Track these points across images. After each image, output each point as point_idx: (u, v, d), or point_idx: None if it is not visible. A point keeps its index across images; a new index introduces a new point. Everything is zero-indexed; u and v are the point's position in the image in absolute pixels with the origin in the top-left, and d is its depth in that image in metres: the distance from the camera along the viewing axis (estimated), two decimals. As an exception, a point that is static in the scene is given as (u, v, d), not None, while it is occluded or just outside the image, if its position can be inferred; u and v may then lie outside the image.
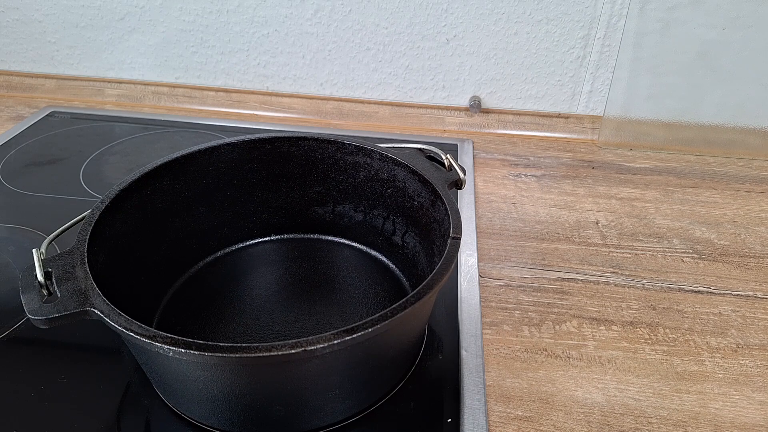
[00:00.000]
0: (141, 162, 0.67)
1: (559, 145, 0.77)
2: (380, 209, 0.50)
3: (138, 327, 0.29)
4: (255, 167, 0.49)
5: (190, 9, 0.77)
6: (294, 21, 0.76)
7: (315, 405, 0.35)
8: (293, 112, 0.82)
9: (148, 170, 0.43)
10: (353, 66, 0.79)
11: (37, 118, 0.77)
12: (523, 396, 0.40)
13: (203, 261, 0.50)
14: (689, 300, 0.49)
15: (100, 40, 0.81)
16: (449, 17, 0.74)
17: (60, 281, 0.33)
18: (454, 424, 0.37)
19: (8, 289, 0.47)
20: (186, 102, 0.83)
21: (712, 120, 0.74)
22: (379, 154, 0.47)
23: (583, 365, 0.42)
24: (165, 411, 0.37)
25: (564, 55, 0.75)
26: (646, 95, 0.73)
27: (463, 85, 0.78)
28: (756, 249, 0.56)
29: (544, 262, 0.53)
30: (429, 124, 0.80)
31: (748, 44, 0.69)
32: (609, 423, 0.38)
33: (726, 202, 0.64)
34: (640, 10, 0.69)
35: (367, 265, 0.51)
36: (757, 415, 0.39)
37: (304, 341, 0.28)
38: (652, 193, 0.66)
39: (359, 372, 0.35)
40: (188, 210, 0.47)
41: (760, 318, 0.48)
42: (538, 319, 0.47)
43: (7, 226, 0.55)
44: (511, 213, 0.61)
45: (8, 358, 0.41)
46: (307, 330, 0.44)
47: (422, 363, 0.41)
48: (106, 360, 0.41)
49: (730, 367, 0.43)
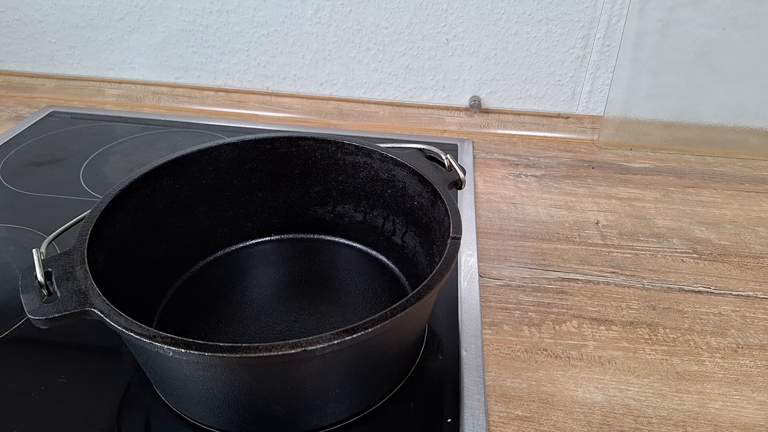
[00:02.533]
0: (141, 162, 0.67)
1: (559, 145, 0.77)
2: (380, 209, 0.50)
3: (138, 327, 0.29)
4: (255, 167, 0.49)
5: (190, 9, 0.77)
6: (294, 21, 0.76)
7: (315, 405, 0.35)
8: (293, 112, 0.82)
9: (148, 170, 0.43)
10: (353, 66, 0.79)
11: (37, 118, 0.77)
12: (523, 396, 0.40)
13: (203, 261, 0.50)
14: (689, 300, 0.49)
15: (100, 40, 0.81)
16: (449, 17, 0.74)
17: (60, 281, 0.33)
18: (454, 424, 0.37)
19: (8, 289, 0.47)
20: (186, 102, 0.83)
21: (712, 120, 0.74)
22: (379, 154, 0.47)
23: (583, 365, 0.42)
24: (165, 411, 0.37)
25: (564, 55, 0.75)
26: (646, 95, 0.73)
27: (463, 85, 0.78)
28: (756, 249, 0.56)
29: (544, 262, 0.53)
30: (429, 124, 0.80)
31: (748, 44, 0.69)
32: (609, 423, 0.38)
33: (726, 202, 0.64)
34: (640, 10, 0.69)
35: (367, 265, 0.51)
36: (757, 415, 0.39)
37: (304, 341, 0.28)
38: (652, 193, 0.66)
39: (359, 372, 0.35)
40: (188, 210, 0.47)
41: (760, 318, 0.48)
42: (538, 319, 0.47)
43: (7, 226, 0.55)
44: (511, 213, 0.61)
45: (8, 358, 0.41)
46: (307, 330, 0.44)
47: (422, 363, 0.41)
48: (106, 360, 0.41)
49: (730, 367, 0.43)
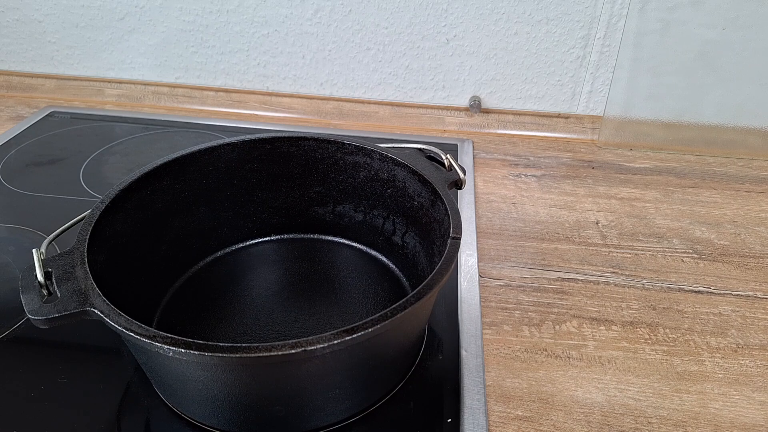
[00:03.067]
0: (141, 162, 0.67)
1: (559, 145, 0.77)
2: (380, 209, 0.50)
3: (138, 327, 0.29)
4: (255, 167, 0.49)
5: (190, 9, 0.77)
6: (294, 21, 0.76)
7: (315, 405, 0.35)
8: (293, 112, 0.82)
9: (148, 170, 0.43)
10: (353, 66, 0.79)
11: (37, 118, 0.77)
12: (523, 396, 0.40)
13: (203, 261, 0.50)
14: (689, 300, 0.49)
15: (100, 40, 0.81)
16: (449, 17, 0.74)
17: (60, 281, 0.33)
18: (454, 424, 0.37)
19: (8, 289, 0.47)
20: (186, 102, 0.83)
21: (712, 120, 0.74)
22: (379, 154, 0.47)
23: (583, 365, 0.42)
24: (165, 411, 0.37)
25: (564, 55, 0.75)
26: (646, 95, 0.73)
27: (463, 85, 0.78)
28: (756, 249, 0.56)
29: (544, 262, 0.53)
30: (429, 124, 0.80)
31: (748, 44, 0.69)
32: (609, 423, 0.38)
33: (726, 202, 0.64)
34: (640, 10, 0.69)
35: (367, 265, 0.51)
36: (757, 415, 0.39)
37: (304, 341, 0.28)
38: (652, 193, 0.66)
39: (359, 372, 0.35)
40: (188, 210, 0.47)
41: (760, 318, 0.48)
42: (538, 319, 0.47)
43: (7, 226, 0.55)
44: (511, 213, 0.61)
45: (8, 358, 0.41)
46: (307, 330, 0.44)
47: (422, 363, 0.41)
48: (106, 360, 0.41)
49: (730, 367, 0.43)
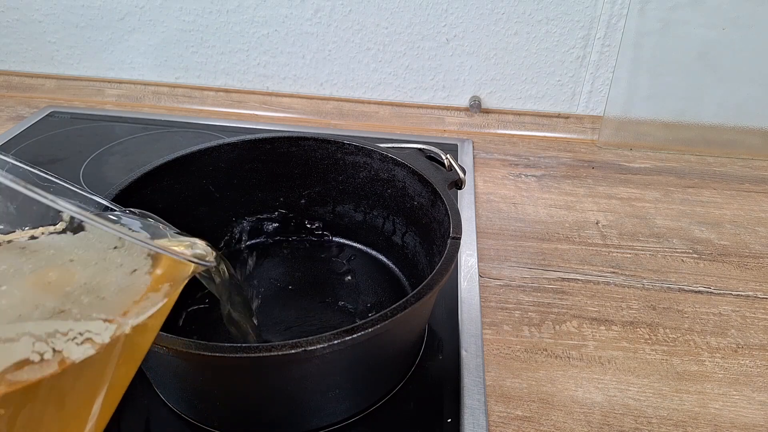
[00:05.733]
0: (141, 162, 0.66)
1: (559, 145, 0.77)
2: (380, 209, 0.50)
3: (138, 327, 0.29)
4: (255, 167, 0.49)
5: (190, 9, 0.77)
6: (294, 21, 0.76)
7: (315, 405, 0.35)
8: (293, 112, 0.82)
9: (148, 170, 0.43)
10: (353, 66, 0.79)
11: (37, 118, 0.77)
12: (523, 396, 0.40)
13: (203, 261, 0.50)
14: (689, 300, 0.49)
15: (100, 40, 0.81)
16: (449, 17, 0.74)
17: (60, 281, 0.33)
18: (454, 424, 0.37)
19: (8, 289, 0.47)
20: (186, 102, 0.83)
21: (712, 120, 0.74)
22: (379, 154, 0.47)
23: (583, 365, 0.42)
24: (165, 411, 0.37)
25: (564, 55, 0.75)
26: (646, 95, 0.73)
27: (463, 85, 0.78)
28: (756, 249, 0.56)
29: (544, 262, 0.53)
30: (429, 124, 0.80)
31: (748, 44, 0.69)
32: (609, 423, 0.38)
33: (726, 202, 0.64)
34: (640, 10, 0.69)
35: (367, 265, 0.51)
36: (757, 415, 0.39)
37: (304, 341, 0.28)
38: (652, 193, 0.66)
39: (359, 372, 0.35)
40: (188, 210, 0.47)
41: (760, 318, 0.48)
42: (538, 319, 0.47)
43: (7, 226, 0.55)
44: (511, 213, 0.61)
45: (8, 358, 0.41)
46: (306, 330, 0.44)
47: (422, 363, 0.41)
48: (106, 360, 0.41)
49: (730, 367, 0.43)
